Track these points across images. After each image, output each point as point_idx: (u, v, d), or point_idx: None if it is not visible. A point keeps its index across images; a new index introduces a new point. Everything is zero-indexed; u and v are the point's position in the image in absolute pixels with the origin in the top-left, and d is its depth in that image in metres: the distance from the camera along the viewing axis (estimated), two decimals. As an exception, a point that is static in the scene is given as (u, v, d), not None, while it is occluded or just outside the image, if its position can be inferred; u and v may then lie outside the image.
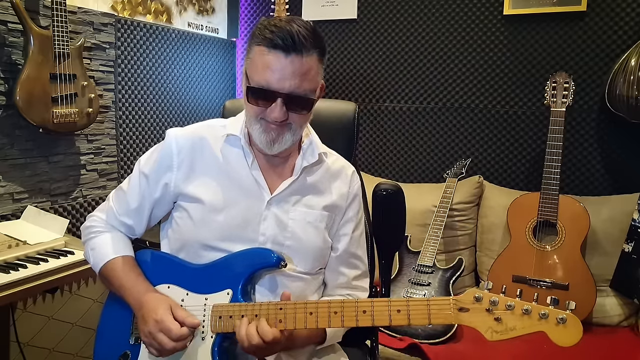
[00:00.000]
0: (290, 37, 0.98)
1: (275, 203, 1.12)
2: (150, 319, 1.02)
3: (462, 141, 2.62)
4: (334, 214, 1.18)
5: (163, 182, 1.14)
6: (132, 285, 1.10)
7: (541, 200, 2.04)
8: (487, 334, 0.88)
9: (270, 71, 1.00)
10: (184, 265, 1.12)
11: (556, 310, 0.85)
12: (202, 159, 1.14)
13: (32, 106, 1.76)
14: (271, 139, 1.06)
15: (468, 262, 2.31)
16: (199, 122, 1.21)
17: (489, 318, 0.88)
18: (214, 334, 1.04)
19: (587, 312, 1.97)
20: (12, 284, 1.38)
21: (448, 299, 0.92)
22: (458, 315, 0.90)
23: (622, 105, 2.06)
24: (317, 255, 1.16)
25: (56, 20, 1.77)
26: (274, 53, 0.99)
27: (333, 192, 1.18)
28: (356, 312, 0.96)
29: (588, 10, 2.30)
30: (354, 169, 1.26)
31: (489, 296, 0.89)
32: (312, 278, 1.17)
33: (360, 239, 1.25)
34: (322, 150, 1.18)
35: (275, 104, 1.02)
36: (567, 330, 0.85)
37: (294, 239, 1.12)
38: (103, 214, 1.22)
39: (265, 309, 1.00)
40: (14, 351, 1.79)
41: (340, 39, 2.83)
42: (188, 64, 2.67)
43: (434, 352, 1.82)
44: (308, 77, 1.02)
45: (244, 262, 1.07)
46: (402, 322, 0.94)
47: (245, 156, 1.13)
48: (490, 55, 2.52)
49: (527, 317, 0.86)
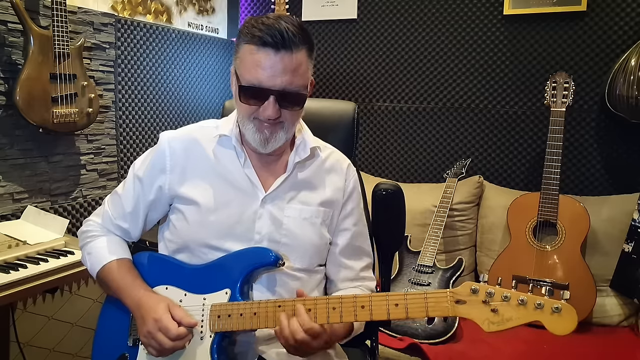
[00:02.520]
0: (279, 34, 0.98)
1: (269, 201, 1.12)
2: (149, 318, 1.02)
3: (462, 141, 2.62)
4: (331, 210, 1.18)
5: (157, 185, 1.15)
6: (130, 287, 1.10)
7: (541, 200, 2.04)
8: (484, 325, 0.89)
9: (261, 69, 1.00)
10: (181, 266, 1.13)
11: (551, 300, 0.87)
12: (195, 161, 1.14)
13: (32, 106, 1.76)
14: (264, 138, 1.06)
15: (468, 262, 2.31)
16: (192, 124, 1.21)
17: (485, 309, 0.89)
18: (213, 333, 1.04)
19: (587, 312, 1.97)
20: (12, 284, 1.38)
21: (445, 292, 0.92)
22: (455, 308, 0.91)
23: (622, 105, 2.06)
24: (314, 252, 1.16)
25: (56, 20, 1.77)
26: (264, 51, 0.99)
27: (328, 187, 1.18)
28: (354, 307, 0.97)
29: (588, 10, 2.30)
30: (349, 162, 1.25)
31: (485, 288, 0.90)
32: (311, 275, 1.17)
33: (363, 231, 1.25)
34: (314, 145, 1.17)
35: (268, 102, 1.01)
36: (562, 319, 0.86)
37: (290, 236, 1.12)
38: (99, 218, 1.22)
39: (264, 307, 1.01)
40: (14, 351, 1.79)
41: (340, 39, 2.83)
42: (188, 64, 2.67)
43: (434, 352, 1.82)
44: (299, 72, 1.02)
45: (242, 261, 1.07)
46: (400, 315, 0.94)
47: (238, 156, 1.13)
48: (490, 55, 2.52)
49: (522, 307, 0.88)
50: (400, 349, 1.87)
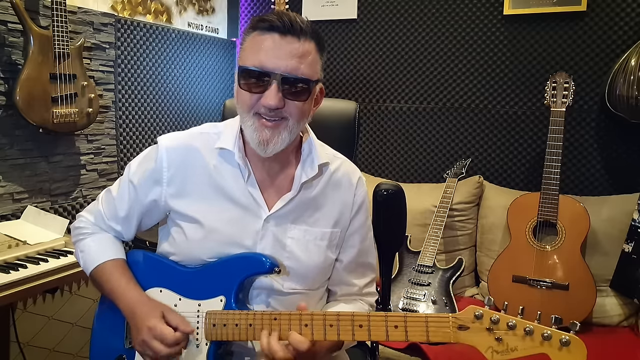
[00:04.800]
0: (287, 19, 0.92)
1: (273, 221, 1.06)
2: (144, 326, 1.00)
3: (462, 141, 2.62)
4: (338, 229, 1.12)
5: (151, 197, 1.10)
6: (123, 291, 1.07)
7: (541, 200, 2.04)
8: (488, 353, 0.85)
9: (264, 51, 0.92)
10: (176, 268, 1.09)
11: (559, 332, 0.82)
12: (195, 175, 1.07)
13: (32, 106, 1.76)
14: (265, 138, 0.97)
15: (468, 262, 2.31)
16: (193, 128, 1.14)
17: (489, 338, 0.85)
18: (208, 341, 1.02)
19: (587, 312, 1.97)
20: (12, 284, 1.38)
21: (447, 316, 0.88)
22: (457, 334, 0.87)
23: (622, 105, 2.06)
24: (318, 273, 1.11)
25: (56, 20, 1.77)
26: (269, 34, 0.93)
27: (335, 205, 1.11)
28: (352, 326, 0.92)
29: (588, 10, 2.30)
30: (360, 175, 1.17)
31: (490, 314, 0.85)
32: (313, 292, 1.12)
33: (369, 247, 1.20)
34: (322, 161, 1.09)
35: (270, 88, 0.93)
36: (570, 353, 0.81)
37: (293, 258, 1.06)
38: (92, 216, 1.18)
39: (260, 319, 0.97)
40: (14, 351, 1.79)
41: (340, 39, 2.83)
42: (188, 64, 2.67)
43: (434, 352, 1.82)
44: (306, 60, 0.94)
45: (237, 267, 1.04)
46: (399, 338, 0.90)
47: (241, 171, 1.06)
48: (490, 55, 2.52)
49: (529, 337, 0.83)
50: (400, 349, 1.87)
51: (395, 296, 2.06)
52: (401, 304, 2.04)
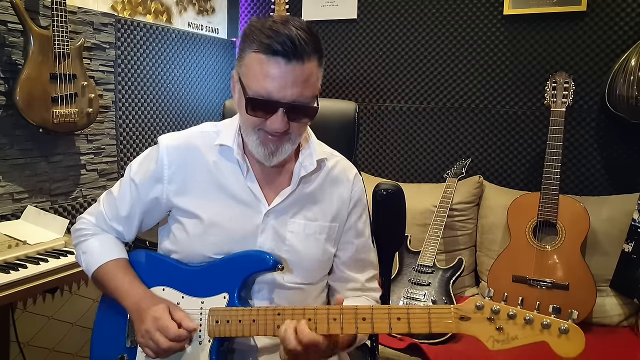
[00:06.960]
0: (290, 42, 0.92)
1: (272, 215, 1.09)
2: (149, 316, 1.00)
3: (462, 141, 2.62)
4: (336, 224, 1.14)
5: (153, 195, 1.12)
6: (127, 288, 1.08)
7: (541, 200, 2.04)
8: (489, 343, 0.87)
9: (270, 79, 0.94)
10: (179, 267, 1.11)
11: (558, 320, 0.84)
12: (196, 172, 1.10)
13: (32, 106, 1.76)
14: (270, 151, 1.02)
15: (468, 262, 2.31)
16: (192, 127, 1.16)
17: (490, 327, 0.87)
18: (212, 338, 1.03)
19: (587, 312, 1.97)
20: (12, 284, 1.39)
21: (449, 307, 0.90)
22: (459, 324, 0.89)
23: (622, 105, 2.06)
24: (318, 267, 1.13)
25: (56, 20, 1.77)
26: (274, 60, 0.93)
27: (333, 200, 1.14)
28: (355, 319, 0.94)
29: (588, 10, 2.30)
30: (356, 171, 1.21)
31: (490, 304, 0.88)
32: (313, 286, 1.14)
33: (367, 243, 1.21)
34: (321, 157, 1.12)
35: (276, 115, 0.96)
36: (569, 341, 0.84)
37: (293, 252, 1.09)
38: (93, 218, 1.19)
39: (263, 315, 0.99)
40: (14, 351, 1.79)
41: (340, 39, 2.83)
42: (188, 64, 2.67)
43: (434, 352, 1.82)
44: (309, 83, 0.97)
45: (240, 265, 1.06)
46: (402, 330, 0.92)
47: (240, 167, 1.09)
48: (490, 55, 2.52)
49: (529, 326, 0.85)
50: (400, 349, 1.87)
51: (395, 296, 2.06)
52: (401, 303, 2.04)
